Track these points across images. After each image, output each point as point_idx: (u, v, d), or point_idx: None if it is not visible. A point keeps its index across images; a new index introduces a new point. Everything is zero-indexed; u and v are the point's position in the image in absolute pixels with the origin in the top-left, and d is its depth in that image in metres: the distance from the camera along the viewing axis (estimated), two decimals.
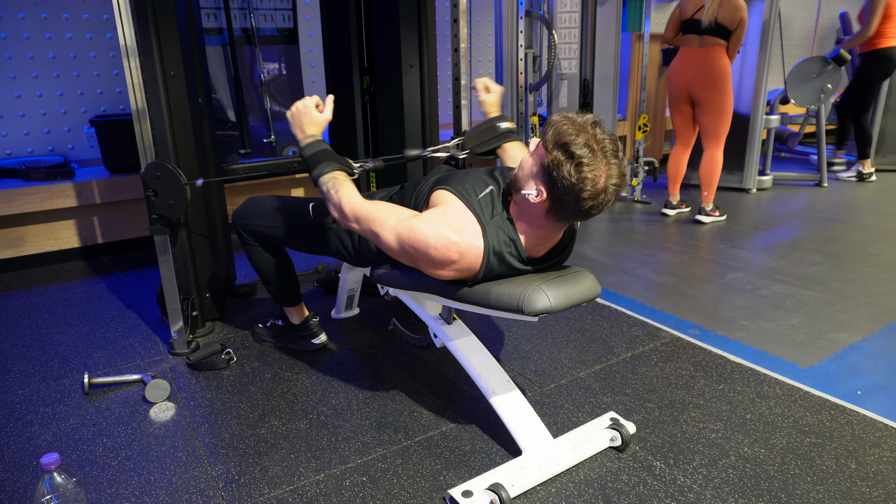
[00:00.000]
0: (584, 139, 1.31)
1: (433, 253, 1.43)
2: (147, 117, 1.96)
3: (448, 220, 1.45)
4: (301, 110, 1.67)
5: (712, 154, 3.72)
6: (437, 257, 1.44)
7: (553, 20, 3.93)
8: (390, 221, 1.49)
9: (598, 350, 2.20)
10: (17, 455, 1.66)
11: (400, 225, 1.48)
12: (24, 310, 2.62)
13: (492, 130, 1.95)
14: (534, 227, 1.47)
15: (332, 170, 1.62)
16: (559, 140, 1.32)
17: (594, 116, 1.36)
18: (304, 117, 1.66)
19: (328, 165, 1.63)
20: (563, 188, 1.33)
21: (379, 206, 1.55)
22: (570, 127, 1.33)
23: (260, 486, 1.54)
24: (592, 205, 1.35)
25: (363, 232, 1.55)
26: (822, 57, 4.45)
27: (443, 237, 1.42)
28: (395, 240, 1.48)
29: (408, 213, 1.52)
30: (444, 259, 1.44)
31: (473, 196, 1.49)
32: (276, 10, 2.88)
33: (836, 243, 3.34)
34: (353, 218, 1.55)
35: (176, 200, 1.98)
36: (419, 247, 1.44)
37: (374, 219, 1.51)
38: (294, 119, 1.69)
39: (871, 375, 2.01)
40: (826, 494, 1.48)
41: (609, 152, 1.33)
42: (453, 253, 1.43)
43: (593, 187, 1.32)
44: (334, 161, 1.65)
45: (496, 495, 1.42)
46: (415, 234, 1.44)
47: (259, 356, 2.19)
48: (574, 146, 1.30)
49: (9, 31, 3.09)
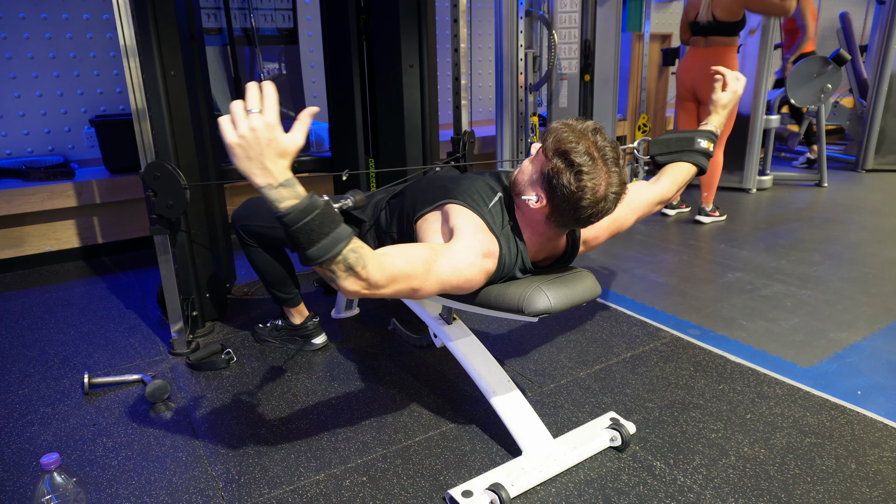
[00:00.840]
0: (585, 147, 1.30)
1: (471, 283, 1.38)
2: (147, 117, 1.96)
3: (476, 247, 1.38)
4: (259, 133, 1.00)
5: (714, 155, 3.72)
6: (473, 284, 1.39)
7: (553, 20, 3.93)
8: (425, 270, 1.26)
9: (598, 350, 2.20)
10: (17, 455, 1.66)
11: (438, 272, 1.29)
12: (24, 310, 2.62)
13: (687, 143, 1.78)
14: (535, 234, 1.47)
15: (345, 244, 1.09)
16: (559, 147, 1.31)
17: (594, 123, 1.34)
18: (264, 147, 1.01)
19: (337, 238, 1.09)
20: (563, 196, 1.32)
21: (404, 258, 1.24)
22: (570, 134, 1.31)
23: (260, 486, 1.54)
24: (592, 213, 1.34)
25: (398, 294, 1.24)
26: (822, 57, 4.45)
27: (475, 267, 1.36)
28: (439, 288, 1.30)
29: (433, 251, 1.31)
30: (475, 284, 1.40)
31: (484, 207, 1.46)
32: (276, 10, 2.88)
33: (836, 243, 3.34)
34: (387, 283, 1.18)
35: (175, 201, 1.98)
36: (460, 284, 1.35)
37: (410, 275, 1.23)
38: (245, 152, 1.01)
39: (871, 375, 2.01)
40: (826, 494, 1.48)
41: (610, 160, 1.32)
42: (483, 276, 1.40)
43: (593, 196, 1.31)
44: (336, 223, 1.09)
45: (496, 495, 1.42)
46: (453, 276, 1.32)
47: (259, 356, 2.19)
48: (574, 154, 1.29)
49: (9, 31, 3.09)
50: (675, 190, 1.81)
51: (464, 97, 2.52)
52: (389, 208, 1.75)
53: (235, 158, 1.03)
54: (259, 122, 1.00)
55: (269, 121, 1.01)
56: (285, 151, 1.03)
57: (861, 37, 7.32)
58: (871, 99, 5.04)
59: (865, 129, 5.10)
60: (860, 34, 7.33)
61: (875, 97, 5.00)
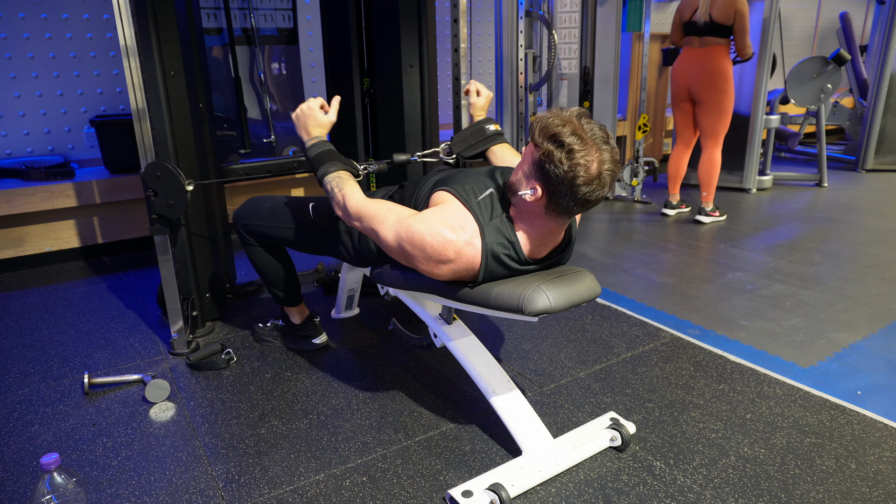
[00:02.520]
0: (571, 128, 1.32)
1: (429, 251, 1.43)
2: (147, 117, 1.96)
3: (446, 220, 1.45)
4: (305, 112, 1.72)
5: (711, 154, 3.73)
6: (433, 255, 1.44)
7: (553, 20, 3.93)
8: (390, 219, 1.50)
9: (598, 350, 2.20)
10: (17, 455, 1.66)
11: (399, 223, 1.48)
12: (24, 310, 2.62)
13: (479, 133, 1.96)
14: (535, 227, 1.47)
15: (336, 169, 1.66)
16: (547, 132, 1.33)
17: (579, 109, 1.37)
18: (308, 119, 1.72)
19: (332, 165, 1.67)
20: (558, 178, 1.33)
21: (381, 204, 1.56)
22: (555, 119, 1.34)
23: (260, 486, 1.54)
24: (588, 191, 1.34)
25: (364, 230, 1.58)
26: (822, 57, 4.45)
27: (439, 235, 1.42)
28: (394, 237, 1.48)
29: (408, 211, 1.52)
30: (440, 257, 1.44)
31: (473, 198, 1.49)
32: (276, 10, 2.88)
33: (836, 243, 3.34)
34: (355, 216, 1.57)
35: (176, 200, 1.98)
36: (416, 244, 1.44)
37: (374, 216, 1.53)
38: (299, 121, 1.74)
39: (871, 375, 2.01)
40: (826, 494, 1.48)
41: (599, 139, 1.33)
42: (450, 251, 1.43)
43: (587, 173, 1.32)
44: (339, 161, 1.68)
45: (496, 495, 1.42)
46: (412, 232, 1.45)
47: (259, 356, 2.19)
48: (563, 135, 1.31)
49: (9, 31, 3.09)
50: None
51: (464, 97, 2.52)
52: None
53: (296, 126, 1.75)
54: (306, 106, 1.73)
55: (311, 105, 1.73)
56: (321, 124, 1.73)
57: (861, 37, 7.32)
58: (871, 99, 5.04)
59: (865, 129, 5.10)
60: (860, 34, 7.33)
61: (875, 97, 5.00)
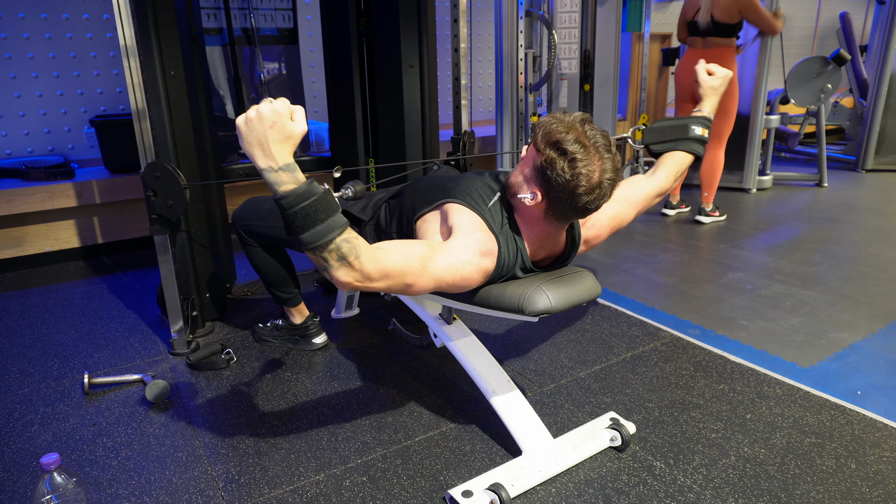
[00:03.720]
0: (575, 136, 1.31)
1: (463, 284, 1.39)
2: (147, 117, 1.96)
3: (477, 247, 1.39)
4: (266, 117, 1.06)
5: (713, 155, 3.72)
6: (466, 285, 1.41)
7: (553, 20, 3.93)
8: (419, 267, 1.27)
9: (598, 350, 2.20)
10: (17, 455, 1.66)
11: (435, 268, 1.30)
12: (24, 310, 2.62)
13: (681, 131, 1.76)
14: (534, 231, 1.46)
15: (339, 232, 1.13)
16: (550, 139, 1.32)
17: (582, 114, 1.36)
18: (271, 130, 1.06)
19: (332, 223, 1.12)
20: (559, 186, 1.32)
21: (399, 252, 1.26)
22: (559, 125, 1.32)
23: (260, 486, 1.54)
24: (588, 200, 1.34)
25: (391, 289, 1.26)
26: (822, 57, 4.45)
27: (476, 267, 1.38)
28: (434, 285, 1.32)
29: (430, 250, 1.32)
30: (472, 282, 1.41)
31: (484, 206, 1.46)
32: (276, 10, 2.88)
33: (836, 243, 3.34)
34: (380, 277, 1.21)
35: (175, 201, 1.98)
36: (453, 283, 1.36)
37: (404, 271, 1.24)
38: (251, 130, 1.07)
39: (871, 375, 2.01)
40: (826, 494, 1.48)
41: (601, 147, 1.32)
42: (481, 276, 1.41)
43: (588, 182, 1.31)
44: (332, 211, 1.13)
45: (496, 495, 1.42)
46: (452, 274, 1.34)
47: (259, 356, 2.19)
48: (566, 143, 1.30)
49: (9, 31, 3.09)
50: (673, 180, 1.81)
51: (464, 97, 2.52)
52: (388, 208, 1.75)
53: (241, 140, 1.08)
54: (266, 108, 1.06)
55: (276, 107, 1.06)
56: (290, 136, 1.08)
57: (861, 37, 7.32)
58: (871, 99, 5.04)
59: (865, 129, 5.10)
60: (860, 34, 7.33)
61: (875, 97, 5.00)
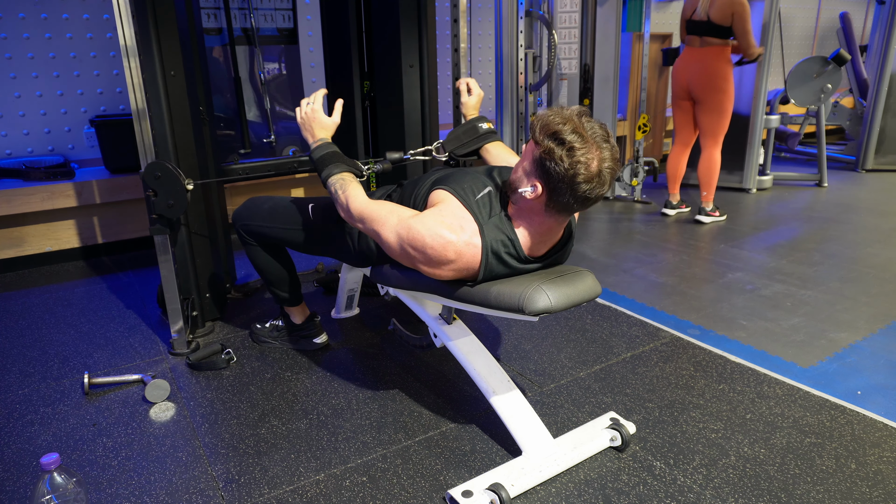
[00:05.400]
0: (572, 126, 1.33)
1: (430, 253, 1.44)
2: (147, 117, 1.96)
3: (445, 220, 1.45)
4: (309, 115, 1.75)
5: (710, 154, 3.73)
6: (434, 257, 1.44)
7: (553, 20, 3.93)
8: (391, 221, 1.51)
9: (598, 350, 2.20)
10: (17, 455, 1.66)
11: (400, 224, 1.49)
12: (24, 310, 2.62)
13: (472, 131, 1.96)
14: (534, 225, 1.47)
15: (340, 171, 1.68)
16: (548, 130, 1.34)
17: (580, 108, 1.38)
18: (312, 122, 1.74)
19: (336, 167, 1.69)
20: (558, 176, 1.34)
21: (383, 205, 1.57)
22: (556, 117, 1.35)
23: (260, 486, 1.54)
24: (588, 189, 1.35)
25: (367, 231, 1.59)
26: (822, 57, 4.45)
27: (439, 237, 1.43)
28: (396, 239, 1.49)
29: (409, 212, 1.53)
30: (441, 258, 1.44)
31: (471, 196, 1.49)
32: (276, 10, 2.88)
33: (836, 243, 3.34)
34: (358, 217, 1.59)
35: (176, 200, 1.98)
36: (417, 246, 1.45)
37: (377, 218, 1.54)
38: (304, 124, 1.76)
39: (871, 375, 2.01)
40: (826, 494, 1.48)
41: (599, 137, 1.34)
42: (450, 252, 1.43)
43: (587, 171, 1.32)
44: (343, 163, 1.71)
45: (496, 495, 1.42)
46: (413, 234, 1.45)
47: (259, 356, 2.19)
48: (563, 133, 1.32)
49: (9, 31, 3.09)
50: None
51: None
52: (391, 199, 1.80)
53: (301, 129, 1.77)
54: (309, 108, 1.75)
55: (314, 107, 1.75)
56: (326, 126, 1.75)
57: (861, 37, 7.32)
58: (871, 99, 5.04)
59: (865, 129, 5.10)
60: (860, 34, 7.33)
61: (875, 97, 5.00)
